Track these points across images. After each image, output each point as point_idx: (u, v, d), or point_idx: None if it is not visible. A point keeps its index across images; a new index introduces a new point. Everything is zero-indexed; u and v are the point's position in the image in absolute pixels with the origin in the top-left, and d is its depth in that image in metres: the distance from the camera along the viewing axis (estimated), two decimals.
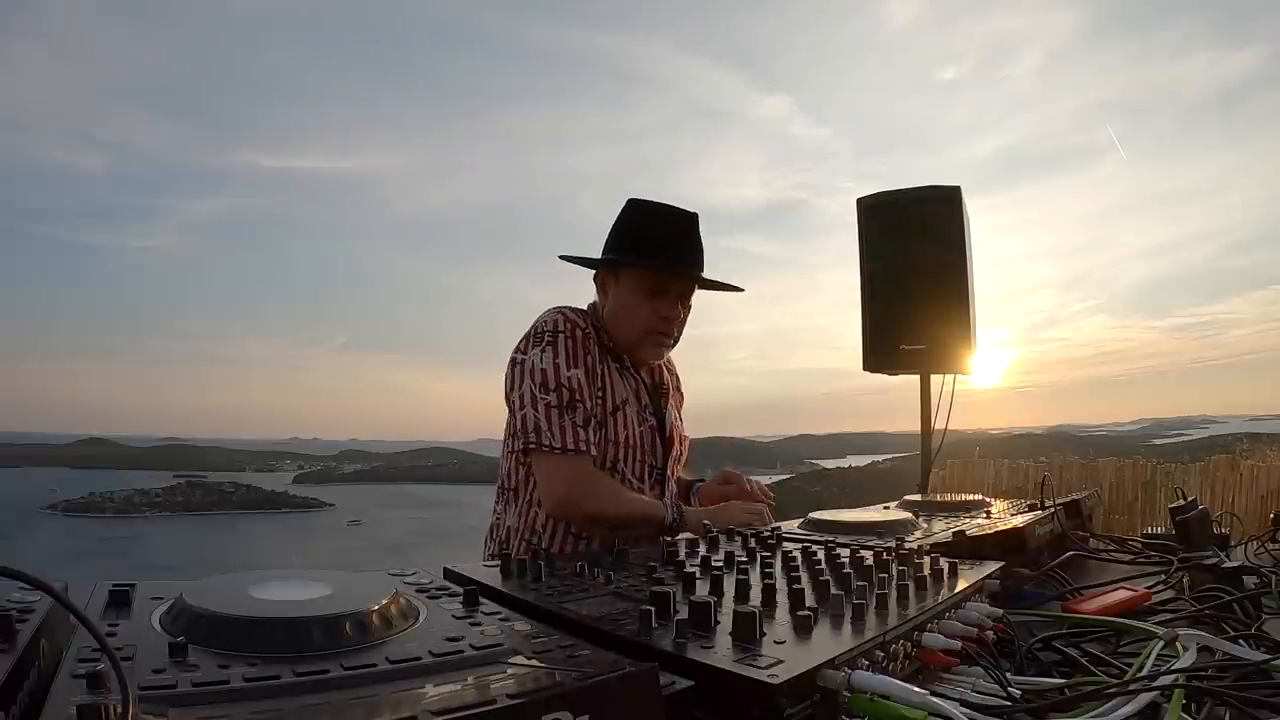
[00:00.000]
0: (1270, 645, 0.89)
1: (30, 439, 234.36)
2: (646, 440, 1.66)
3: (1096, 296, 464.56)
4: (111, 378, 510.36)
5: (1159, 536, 1.67)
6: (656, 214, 1.65)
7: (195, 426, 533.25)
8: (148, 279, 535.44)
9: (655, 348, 1.67)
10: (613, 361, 1.66)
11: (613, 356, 1.67)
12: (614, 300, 1.67)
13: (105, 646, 0.43)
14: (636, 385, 1.69)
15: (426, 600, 0.72)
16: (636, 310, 1.63)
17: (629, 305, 1.64)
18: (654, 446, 1.68)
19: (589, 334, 1.62)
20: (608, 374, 1.63)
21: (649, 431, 1.67)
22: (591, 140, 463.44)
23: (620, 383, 1.65)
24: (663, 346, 1.68)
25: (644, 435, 1.65)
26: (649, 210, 1.66)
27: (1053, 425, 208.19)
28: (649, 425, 1.68)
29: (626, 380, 1.67)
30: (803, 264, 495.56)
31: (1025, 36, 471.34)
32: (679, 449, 1.77)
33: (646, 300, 1.62)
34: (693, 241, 1.65)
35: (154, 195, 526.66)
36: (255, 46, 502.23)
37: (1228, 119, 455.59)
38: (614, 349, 1.68)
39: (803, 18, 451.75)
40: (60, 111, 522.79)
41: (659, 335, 1.65)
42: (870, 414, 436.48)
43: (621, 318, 1.65)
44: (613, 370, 1.65)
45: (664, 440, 1.70)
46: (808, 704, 0.59)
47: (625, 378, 1.67)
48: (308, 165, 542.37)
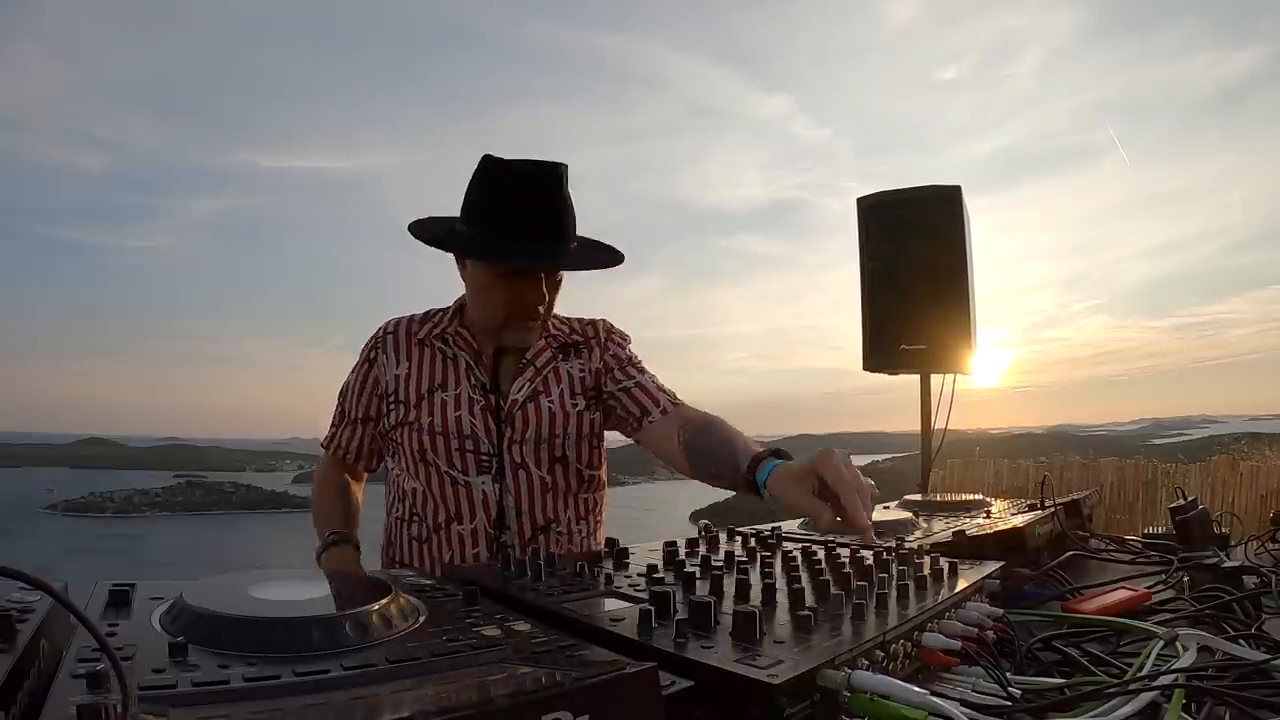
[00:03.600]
0: (1270, 645, 0.89)
1: (30, 439, 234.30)
2: (467, 424, 1.42)
3: (1096, 296, 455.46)
4: (111, 378, 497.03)
5: (1159, 536, 1.67)
6: (507, 178, 1.31)
7: (195, 426, 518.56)
8: (148, 279, 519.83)
9: (520, 332, 1.42)
10: (440, 345, 1.49)
11: (442, 339, 1.49)
12: (472, 285, 1.43)
13: (105, 646, 0.43)
14: (471, 362, 1.46)
15: (426, 600, 0.72)
16: (493, 293, 1.38)
17: (485, 286, 1.39)
18: (484, 430, 1.43)
19: (389, 336, 1.52)
20: (423, 362, 1.48)
21: (480, 413, 1.43)
22: (591, 140, 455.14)
23: (438, 367, 1.47)
24: (529, 330, 1.43)
25: (463, 419, 1.42)
26: (498, 172, 1.31)
27: (1053, 425, 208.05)
28: (481, 406, 1.43)
29: (458, 359, 1.47)
30: (803, 264, 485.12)
31: (1025, 36, 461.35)
32: (538, 429, 1.44)
33: (503, 282, 1.37)
34: (550, 210, 1.31)
35: (153, 195, 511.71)
36: (255, 46, 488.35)
37: (1228, 119, 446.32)
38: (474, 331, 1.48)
39: (803, 18, 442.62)
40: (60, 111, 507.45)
41: (523, 318, 1.40)
42: (870, 414, 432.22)
43: (479, 299, 1.42)
44: (434, 356, 1.48)
45: (498, 421, 1.44)
46: (808, 704, 0.59)
47: (456, 358, 1.47)
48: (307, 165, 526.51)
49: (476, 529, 1.42)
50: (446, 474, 1.43)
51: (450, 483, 1.43)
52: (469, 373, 1.47)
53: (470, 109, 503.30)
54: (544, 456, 1.46)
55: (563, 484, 1.48)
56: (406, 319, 1.56)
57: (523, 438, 1.44)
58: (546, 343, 1.52)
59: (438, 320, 1.52)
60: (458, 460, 1.43)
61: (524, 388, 1.47)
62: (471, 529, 1.43)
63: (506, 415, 1.45)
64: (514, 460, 1.44)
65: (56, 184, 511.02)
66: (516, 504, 1.43)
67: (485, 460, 1.43)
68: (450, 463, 1.43)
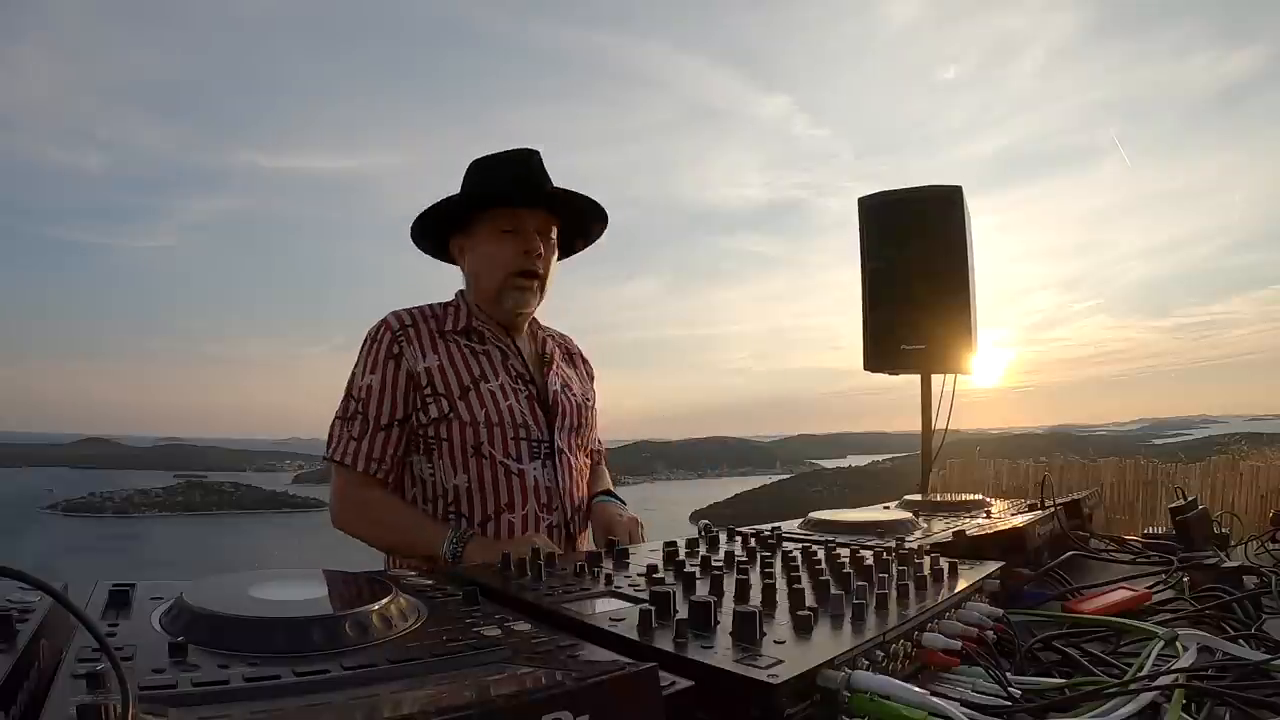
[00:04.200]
0: (1270, 645, 0.89)
1: (30, 439, 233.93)
2: (519, 414, 1.49)
3: (1096, 296, 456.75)
4: (112, 378, 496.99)
5: (1159, 536, 1.67)
6: (491, 162, 1.53)
7: (195, 426, 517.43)
8: (148, 279, 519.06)
9: (518, 292, 1.52)
10: (466, 341, 1.53)
11: (468, 335, 1.54)
12: (472, 260, 1.55)
13: (105, 646, 0.43)
14: (505, 355, 1.54)
15: (426, 600, 0.72)
16: (495, 256, 1.51)
17: (488, 254, 1.52)
18: (533, 418, 1.51)
19: (408, 329, 1.49)
20: (454, 356, 1.50)
21: (526, 402, 1.51)
22: (592, 140, 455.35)
23: (474, 360, 1.51)
24: (526, 290, 1.52)
25: (514, 409, 1.49)
26: (483, 162, 1.54)
27: (1053, 425, 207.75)
28: (525, 395, 1.52)
29: (491, 353, 1.53)
30: (803, 264, 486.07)
31: (1026, 36, 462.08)
32: (574, 418, 1.57)
33: (502, 242, 1.51)
34: (532, 170, 1.52)
35: (154, 195, 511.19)
36: (256, 46, 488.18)
37: (1228, 119, 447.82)
38: (482, 318, 1.56)
39: (803, 18, 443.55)
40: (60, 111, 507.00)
41: (520, 278, 1.51)
42: (870, 414, 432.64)
43: (483, 271, 1.53)
44: (463, 350, 1.51)
45: (546, 409, 1.53)
46: (808, 704, 0.59)
47: (488, 351, 1.53)
48: (308, 165, 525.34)
49: (527, 515, 1.47)
50: (501, 464, 1.47)
51: (504, 472, 1.47)
52: (505, 364, 1.54)
53: (471, 109, 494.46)
54: (577, 443, 1.59)
55: (585, 470, 1.62)
56: (414, 311, 1.55)
57: (564, 425, 1.55)
58: (556, 343, 1.67)
59: (454, 314, 1.55)
60: (513, 449, 1.48)
61: (555, 379, 1.59)
62: (522, 515, 1.47)
63: (552, 403, 1.55)
64: (559, 446, 1.53)
65: (56, 184, 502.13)
66: (564, 487, 1.51)
67: (536, 447, 1.50)
68: (505, 452, 1.47)
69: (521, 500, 1.47)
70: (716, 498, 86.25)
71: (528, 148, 1.53)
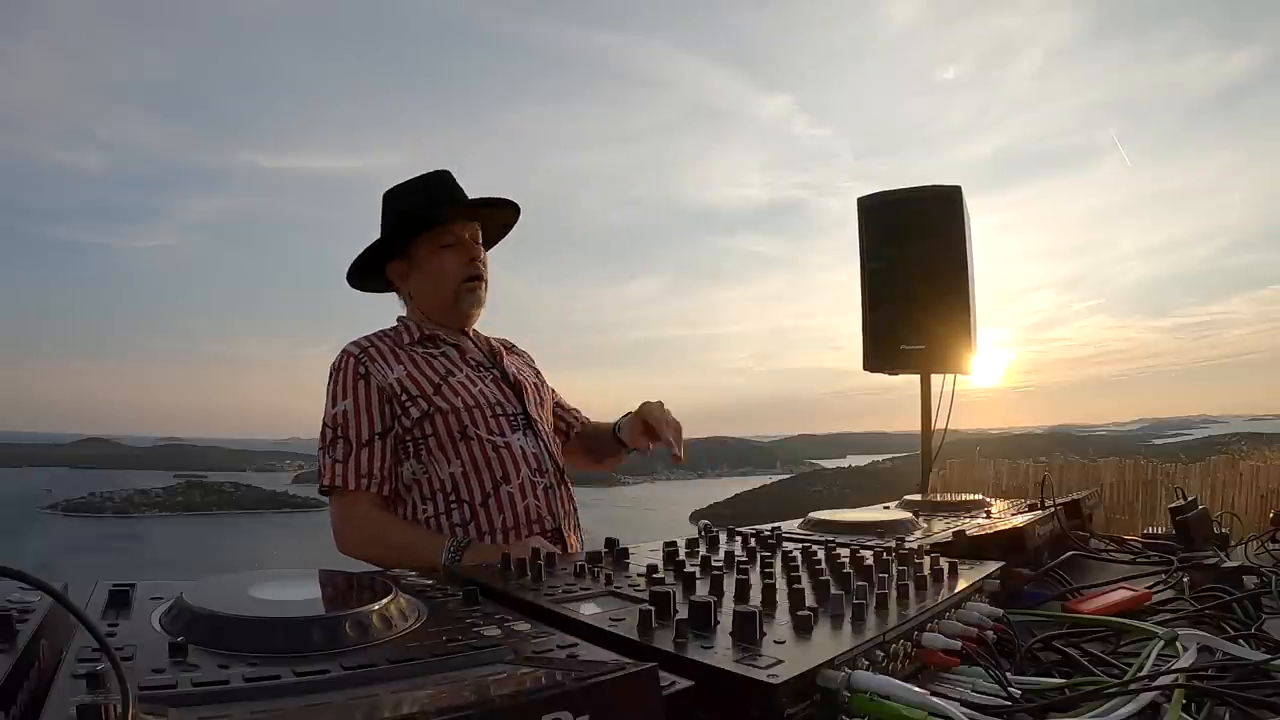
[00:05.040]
0: (1270, 645, 0.89)
1: (30, 439, 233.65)
2: (491, 394, 1.61)
3: (1096, 296, 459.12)
4: (112, 378, 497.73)
5: (1159, 536, 1.67)
6: (409, 188, 1.66)
7: (195, 426, 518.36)
8: (148, 279, 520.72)
9: (470, 294, 1.65)
10: (424, 349, 1.62)
11: (424, 343, 1.63)
12: (418, 277, 1.66)
13: (105, 646, 0.43)
14: (462, 352, 1.66)
15: (426, 600, 0.72)
16: (443, 269, 1.63)
17: (435, 270, 1.63)
18: (504, 396, 1.63)
19: (369, 350, 1.56)
20: (418, 362, 1.58)
21: (493, 384, 1.63)
22: (592, 140, 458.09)
23: (436, 361, 1.61)
24: (476, 290, 1.66)
25: (485, 391, 1.60)
26: (400, 190, 1.67)
27: (1053, 425, 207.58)
28: (491, 379, 1.64)
29: (449, 352, 1.64)
30: (803, 264, 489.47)
31: (1025, 37, 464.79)
32: (536, 393, 1.72)
33: (445, 256, 1.63)
34: (454, 187, 1.66)
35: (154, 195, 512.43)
36: (256, 46, 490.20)
37: (1228, 119, 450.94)
38: (432, 326, 1.65)
39: (803, 18, 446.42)
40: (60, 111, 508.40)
41: (469, 282, 1.64)
42: (870, 414, 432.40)
43: (432, 285, 1.64)
44: (424, 356, 1.60)
45: (512, 387, 1.66)
46: (808, 704, 0.59)
47: (446, 352, 1.64)
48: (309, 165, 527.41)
49: (523, 482, 1.56)
50: (488, 440, 1.56)
51: (493, 448, 1.56)
52: (464, 358, 1.65)
53: (471, 109, 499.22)
54: (544, 415, 1.72)
55: (557, 439, 1.75)
56: (370, 336, 1.63)
57: (530, 399, 1.67)
58: (499, 342, 1.81)
59: (406, 331, 1.65)
60: (495, 425, 1.58)
61: (511, 364, 1.72)
62: (519, 484, 1.56)
63: (515, 382, 1.67)
64: (533, 416, 1.65)
65: (56, 184, 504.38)
66: (548, 450, 1.63)
67: (514, 420, 1.61)
68: (490, 429, 1.57)
69: (515, 470, 1.56)
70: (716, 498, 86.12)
71: (438, 169, 1.69)
